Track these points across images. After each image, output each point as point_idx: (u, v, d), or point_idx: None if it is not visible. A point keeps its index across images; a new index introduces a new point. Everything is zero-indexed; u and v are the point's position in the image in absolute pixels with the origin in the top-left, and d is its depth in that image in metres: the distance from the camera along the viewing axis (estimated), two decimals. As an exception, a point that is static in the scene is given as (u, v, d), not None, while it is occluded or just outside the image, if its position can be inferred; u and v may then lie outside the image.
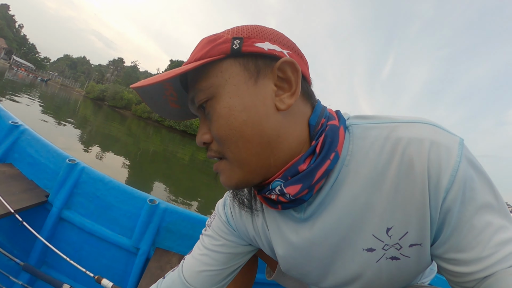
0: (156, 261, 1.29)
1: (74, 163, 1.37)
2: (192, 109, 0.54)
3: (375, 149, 0.47)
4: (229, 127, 0.46)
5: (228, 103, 0.46)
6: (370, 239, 0.49)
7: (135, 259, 1.36)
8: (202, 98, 0.48)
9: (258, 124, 0.46)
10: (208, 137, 0.51)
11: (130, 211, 1.40)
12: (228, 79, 0.46)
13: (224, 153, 0.49)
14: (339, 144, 0.48)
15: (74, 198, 1.38)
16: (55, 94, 34.94)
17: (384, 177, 0.46)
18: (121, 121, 28.19)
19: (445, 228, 0.44)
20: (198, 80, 0.48)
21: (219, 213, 0.73)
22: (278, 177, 0.49)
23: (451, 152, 0.43)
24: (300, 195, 0.48)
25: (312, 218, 0.53)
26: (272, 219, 0.61)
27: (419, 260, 0.49)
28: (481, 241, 0.43)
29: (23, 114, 9.79)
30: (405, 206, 0.45)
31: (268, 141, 0.47)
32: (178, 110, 0.59)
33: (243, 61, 0.47)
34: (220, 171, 0.52)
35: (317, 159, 0.47)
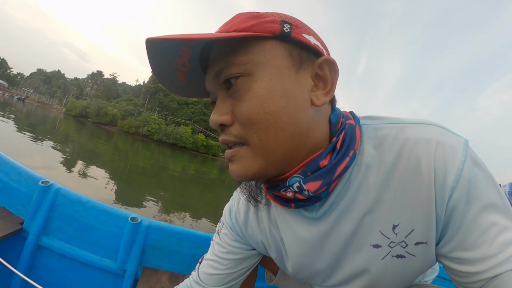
0: (145, 282, 1.23)
1: (48, 185, 1.29)
2: (211, 84, 0.49)
3: (383, 148, 0.49)
4: (264, 110, 0.43)
5: (268, 85, 0.43)
6: (377, 236, 0.50)
7: (123, 282, 1.30)
8: (234, 73, 0.44)
9: (295, 113, 0.44)
10: (228, 119, 0.46)
11: (112, 232, 1.33)
12: (271, 60, 0.44)
13: (248, 138, 0.45)
14: (356, 143, 0.49)
15: (51, 223, 1.30)
16: (34, 113, 33.99)
17: (392, 176, 0.47)
18: (107, 137, 27.83)
19: (451, 226, 0.45)
20: (233, 53, 0.44)
21: (226, 220, 0.74)
22: (297, 173, 0.48)
23: (456, 152, 0.44)
24: (319, 192, 0.48)
25: (325, 216, 0.53)
26: (282, 220, 0.61)
27: (424, 259, 0.49)
28: (486, 240, 0.43)
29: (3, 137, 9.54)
30: (412, 204, 0.46)
31: (300, 133, 0.46)
32: (184, 84, 0.54)
33: (289, 47, 0.45)
34: (235, 158, 0.48)
35: (337, 155, 0.47)
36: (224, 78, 0.46)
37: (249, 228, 0.68)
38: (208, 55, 0.49)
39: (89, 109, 52.52)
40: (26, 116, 24.62)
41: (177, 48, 0.45)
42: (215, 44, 0.47)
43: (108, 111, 51.07)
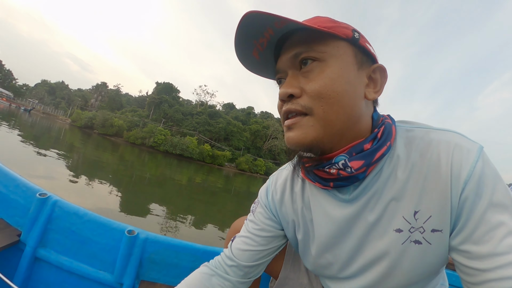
0: (141, 296, 1.21)
1: (45, 197, 1.30)
2: (285, 63, 0.59)
3: (412, 146, 0.58)
4: (333, 89, 0.54)
5: (338, 71, 0.54)
6: (400, 221, 0.57)
7: None
8: (312, 56, 0.55)
9: (353, 99, 0.56)
10: (298, 91, 0.56)
11: (109, 244, 1.32)
12: (342, 55, 0.55)
13: (314, 109, 0.55)
14: (392, 137, 0.59)
15: (48, 235, 1.30)
16: (41, 124, 34.12)
17: (417, 169, 0.56)
18: (113, 149, 27.97)
19: (462, 217, 0.52)
20: (314, 42, 0.55)
21: (261, 200, 0.83)
22: (343, 152, 0.57)
23: (470, 153, 0.53)
24: (360, 171, 0.57)
25: (357, 199, 0.62)
26: (315, 201, 0.69)
27: (438, 249, 0.55)
28: (494, 237, 0.48)
29: (13, 147, 9.65)
30: (431, 193, 0.54)
31: (353, 116, 0.56)
32: (254, 60, 0.63)
33: (355, 49, 0.57)
34: (296, 126, 0.57)
35: (378, 142, 0.57)
36: (301, 58, 0.56)
37: (283, 207, 0.77)
38: (284, 41, 0.59)
39: (95, 120, 52.48)
40: (32, 127, 24.91)
41: (264, 28, 0.55)
42: (296, 32, 0.57)
43: (114, 123, 51.09)
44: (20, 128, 18.43)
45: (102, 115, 52.77)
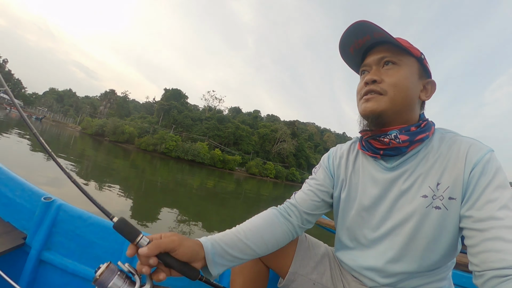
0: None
1: (50, 200, 1.32)
2: (373, 60, 0.84)
3: (443, 141, 0.81)
4: (402, 82, 0.80)
5: (407, 74, 0.81)
6: (426, 189, 0.78)
7: None
8: (393, 60, 0.81)
9: (412, 94, 0.82)
10: (379, 79, 0.81)
11: (112, 247, 1.33)
12: (411, 66, 0.82)
13: (388, 92, 0.79)
14: (430, 131, 0.82)
15: (53, 238, 1.32)
16: (53, 132, 34.68)
17: (443, 156, 0.78)
18: (125, 155, 28.30)
19: (469, 189, 0.70)
20: (397, 52, 0.81)
21: (324, 163, 1.05)
22: (396, 128, 0.81)
23: (482, 150, 0.73)
24: (405, 144, 0.80)
25: (397, 168, 0.84)
26: (364, 168, 0.93)
27: (453, 215, 0.74)
28: (492, 207, 0.65)
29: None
30: (451, 171, 0.75)
31: (409, 105, 0.82)
32: (349, 54, 0.91)
33: (419, 65, 0.84)
34: (374, 100, 0.81)
35: (420, 129, 0.81)
36: (386, 60, 0.82)
37: (338, 169, 0.99)
38: (372, 47, 0.86)
39: (106, 128, 52.71)
40: (46, 135, 25.37)
41: (365, 34, 0.82)
42: (384, 43, 0.83)
43: (125, 130, 51.38)
44: (31, 137, 18.84)
45: (112, 123, 53.07)
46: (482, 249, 0.62)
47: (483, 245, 0.62)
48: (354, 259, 0.93)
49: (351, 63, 0.94)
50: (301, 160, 77.38)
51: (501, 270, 0.57)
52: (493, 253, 0.59)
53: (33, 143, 14.24)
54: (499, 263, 0.57)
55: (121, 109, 77.69)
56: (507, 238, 0.59)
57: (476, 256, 0.63)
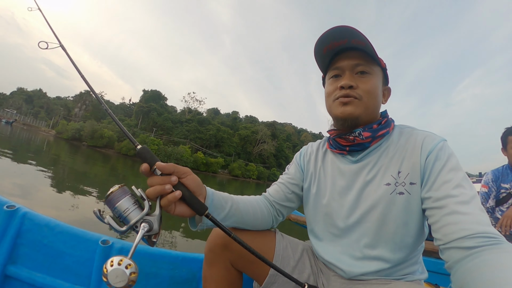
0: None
1: (13, 209, 1.24)
2: (347, 66, 0.90)
3: (402, 135, 0.91)
4: (374, 91, 0.89)
5: (377, 83, 0.91)
6: (389, 177, 0.86)
7: None
8: (367, 70, 0.89)
9: (379, 99, 0.93)
10: (355, 85, 0.88)
11: (83, 256, 1.26)
12: (379, 75, 0.92)
13: (363, 98, 0.88)
14: (390, 127, 0.92)
15: (18, 250, 1.24)
16: (25, 137, 32.71)
17: (402, 147, 0.87)
18: (104, 161, 27.50)
19: (426, 173, 0.79)
20: (368, 61, 0.89)
21: (296, 159, 1.17)
22: (360, 127, 0.90)
23: (435, 140, 0.82)
24: (367, 140, 0.90)
25: (361, 160, 0.93)
26: (332, 163, 1.01)
27: (416, 198, 0.81)
28: (447, 187, 0.73)
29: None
30: (409, 160, 0.84)
31: (377, 108, 0.93)
32: (321, 54, 0.94)
33: (383, 74, 0.96)
34: (352, 104, 0.88)
35: (381, 126, 0.91)
36: (361, 69, 0.89)
37: (309, 164, 1.09)
38: (344, 50, 0.90)
39: (83, 132, 50.12)
40: (17, 141, 24.21)
41: (343, 38, 0.86)
42: (358, 49, 0.88)
43: (103, 134, 49.38)
44: (13, 148, 17.94)
45: (90, 126, 50.64)
46: (442, 223, 0.69)
47: (443, 220, 0.69)
48: (329, 251, 0.97)
49: (320, 61, 0.98)
50: (281, 160, 78.02)
51: (460, 240, 0.64)
52: (452, 225, 0.67)
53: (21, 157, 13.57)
54: (458, 234, 0.65)
55: (97, 112, 74.29)
56: (462, 211, 0.67)
57: (438, 231, 0.70)
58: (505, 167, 2.45)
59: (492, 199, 2.43)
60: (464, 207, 0.68)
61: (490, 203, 2.43)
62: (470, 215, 0.66)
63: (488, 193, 2.46)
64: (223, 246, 0.95)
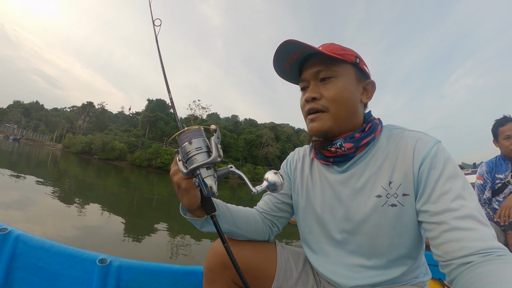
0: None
1: (5, 232, 1.20)
2: (309, 75, 0.85)
3: (390, 139, 0.83)
4: (341, 95, 0.81)
5: (345, 85, 0.81)
6: (379, 188, 0.79)
7: None
8: (329, 74, 0.81)
9: (353, 102, 0.83)
10: (319, 96, 0.82)
11: (81, 277, 1.22)
12: (348, 74, 0.82)
13: (330, 109, 0.81)
14: (377, 132, 0.84)
15: (14, 275, 1.20)
16: (36, 153, 32.67)
17: (392, 153, 0.80)
18: (118, 173, 27.71)
19: (421, 184, 0.72)
20: (331, 63, 0.81)
21: (283, 168, 1.10)
22: (341, 137, 0.83)
23: (428, 144, 0.74)
24: (351, 151, 0.82)
25: (347, 170, 0.86)
26: (319, 172, 0.94)
27: (409, 210, 0.75)
28: (446, 199, 0.67)
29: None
30: (400, 168, 0.76)
31: (352, 114, 0.83)
32: (284, 70, 0.90)
33: (356, 70, 0.84)
34: (318, 119, 0.83)
35: (365, 133, 0.83)
36: (322, 76, 0.82)
37: (296, 172, 1.03)
38: (307, 59, 0.86)
39: (93, 145, 49.81)
40: (27, 158, 24.49)
41: (297, 49, 0.81)
42: (317, 54, 0.83)
43: (115, 146, 49.19)
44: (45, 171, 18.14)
45: (100, 139, 50.41)
46: (442, 240, 0.65)
47: (443, 237, 0.65)
48: (323, 262, 0.93)
49: (289, 78, 0.93)
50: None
51: (464, 258, 0.60)
52: (454, 243, 0.62)
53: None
54: (460, 252, 0.61)
55: (101, 123, 73.65)
56: (463, 227, 0.62)
57: (438, 248, 0.66)
58: (498, 157, 2.48)
59: (488, 190, 2.45)
60: (465, 222, 0.63)
61: (487, 194, 2.45)
62: (472, 231, 0.62)
63: (483, 185, 2.48)
64: (222, 265, 0.90)
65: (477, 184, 2.53)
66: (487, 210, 2.38)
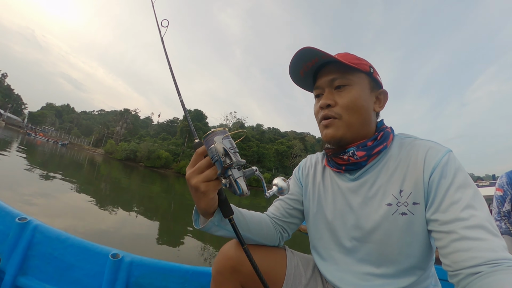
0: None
1: (25, 221, 1.25)
2: (324, 83, 0.85)
3: (402, 148, 0.82)
4: (355, 103, 0.81)
5: (359, 93, 0.82)
6: (390, 197, 0.78)
7: None
8: (344, 82, 0.82)
9: (366, 111, 0.83)
10: (333, 103, 0.83)
11: (92, 270, 1.24)
12: (362, 83, 0.84)
13: (343, 116, 0.82)
14: (389, 141, 0.84)
15: (29, 262, 1.24)
16: (87, 159, 34.11)
17: (403, 162, 0.79)
18: (168, 181, 28.56)
19: (431, 193, 0.71)
20: (346, 72, 0.82)
21: (294, 174, 1.10)
22: (353, 146, 0.83)
23: (439, 153, 0.74)
24: (363, 159, 0.82)
25: (359, 178, 0.85)
26: (332, 180, 0.94)
27: (419, 219, 0.74)
28: (456, 208, 0.66)
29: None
30: (411, 177, 0.76)
31: (365, 122, 0.84)
32: (299, 77, 0.91)
33: (369, 79, 0.85)
34: (332, 126, 0.83)
35: (377, 142, 0.83)
36: (337, 84, 0.83)
37: (307, 178, 1.03)
38: (322, 67, 0.87)
39: (139, 153, 51.39)
40: (78, 165, 25.89)
41: (313, 57, 0.83)
42: (333, 63, 0.84)
43: (161, 155, 50.34)
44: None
45: (145, 147, 51.68)
46: (451, 250, 0.64)
47: (452, 246, 0.63)
48: (332, 269, 0.91)
49: (303, 85, 0.95)
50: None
51: (472, 268, 0.59)
52: (463, 252, 0.61)
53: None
54: (469, 262, 0.60)
55: (136, 130, 75.95)
56: (473, 237, 0.61)
57: (447, 257, 0.65)
58: None
59: (508, 202, 2.29)
60: (475, 231, 0.62)
61: (506, 206, 2.28)
62: (481, 241, 0.60)
63: (503, 197, 2.31)
64: (232, 269, 0.88)
65: (496, 196, 2.36)
66: (507, 224, 2.21)
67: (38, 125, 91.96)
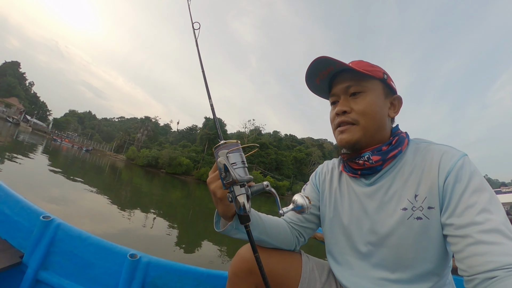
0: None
1: (49, 219, 1.29)
2: (339, 90, 0.87)
3: (417, 153, 0.82)
4: (370, 109, 0.83)
5: (374, 99, 0.84)
6: (405, 201, 0.78)
7: None
8: (358, 89, 0.84)
9: (381, 116, 0.85)
10: (349, 109, 0.85)
11: (111, 268, 1.27)
12: (376, 89, 0.85)
13: (359, 121, 0.83)
14: (403, 146, 0.84)
15: (51, 258, 1.28)
16: (112, 165, 34.96)
17: (418, 166, 0.79)
18: (183, 187, 29.01)
19: (446, 197, 0.71)
20: (361, 79, 0.84)
21: (311, 180, 1.11)
22: (369, 150, 0.84)
23: (454, 157, 0.74)
24: (378, 163, 0.83)
25: (375, 183, 0.86)
26: (347, 185, 0.94)
27: (435, 223, 0.73)
28: (471, 212, 0.65)
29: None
30: (426, 181, 0.76)
31: (380, 127, 0.85)
32: (315, 85, 0.94)
33: (383, 85, 0.87)
34: (347, 131, 0.85)
35: (392, 147, 0.83)
36: (352, 91, 0.85)
37: (324, 184, 1.03)
38: (337, 75, 0.89)
39: (160, 160, 51.61)
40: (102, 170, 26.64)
41: (329, 66, 0.86)
42: (348, 71, 0.86)
43: (182, 161, 50.65)
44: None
45: (167, 154, 51.98)
46: (467, 254, 0.63)
47: (467, 251, 0.63)
48: (347, 274, 0.92)
49: (319, 92, 0.97)
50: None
51: (488, 272, 0.58)
52: (478, 257, 0.61)
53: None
54: (485, 266, 0.59)
55: (156, 137, 77.10)
56: (489, 241, 0.61)
57: (463, 262, 0.64)
58: None
59: None
60: (491, 236, 0.61)
61: None
62: (497, 245, 0.60)
63: None
64: (248, 271, 0.90)
65: None
66: None
67: (62, 131, 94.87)
